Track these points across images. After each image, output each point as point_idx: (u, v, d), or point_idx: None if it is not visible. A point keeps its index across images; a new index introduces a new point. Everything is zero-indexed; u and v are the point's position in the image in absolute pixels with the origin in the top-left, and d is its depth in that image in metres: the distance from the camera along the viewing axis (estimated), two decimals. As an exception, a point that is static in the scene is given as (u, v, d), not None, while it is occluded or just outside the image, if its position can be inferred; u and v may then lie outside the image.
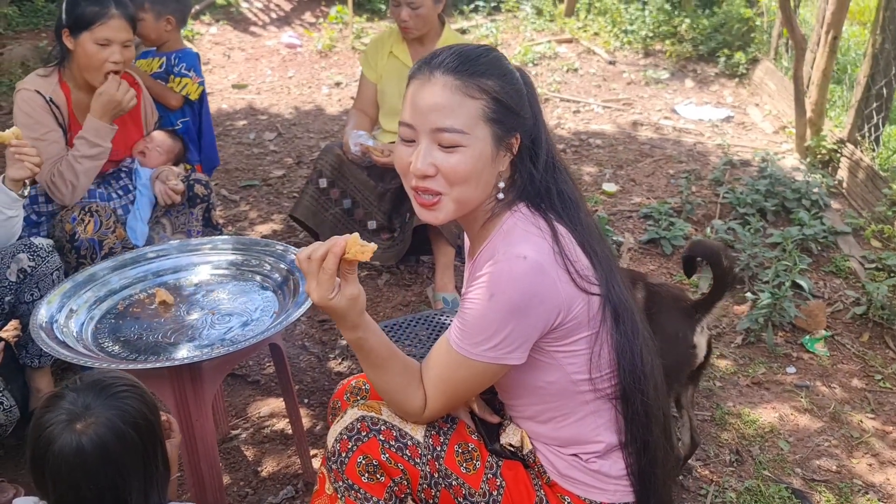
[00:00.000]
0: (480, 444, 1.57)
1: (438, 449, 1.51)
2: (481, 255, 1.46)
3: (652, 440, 1.51)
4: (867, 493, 2.26)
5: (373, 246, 1.35)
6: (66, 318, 1.92)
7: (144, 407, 1.42)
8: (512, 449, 1.57)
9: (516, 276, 1.35)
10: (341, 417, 1.54)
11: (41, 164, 2.26)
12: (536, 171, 1.46)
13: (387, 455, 1.48)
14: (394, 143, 3.20)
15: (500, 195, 1.46)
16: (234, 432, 2.50)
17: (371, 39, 3.29)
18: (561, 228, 1.43)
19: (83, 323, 1.95)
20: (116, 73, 2.58)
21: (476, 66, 1.41)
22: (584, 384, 1.46)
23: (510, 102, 1.42)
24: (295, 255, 1.42)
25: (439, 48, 1.47)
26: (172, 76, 3.23)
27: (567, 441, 1.51)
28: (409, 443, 1.50)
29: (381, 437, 1.49)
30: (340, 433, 1.51)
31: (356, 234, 1.36)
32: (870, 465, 2.38)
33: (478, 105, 1.39)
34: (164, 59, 3.25)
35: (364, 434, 1.49)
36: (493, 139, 1.41)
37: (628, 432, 1.51)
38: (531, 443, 1.55)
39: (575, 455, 1.51)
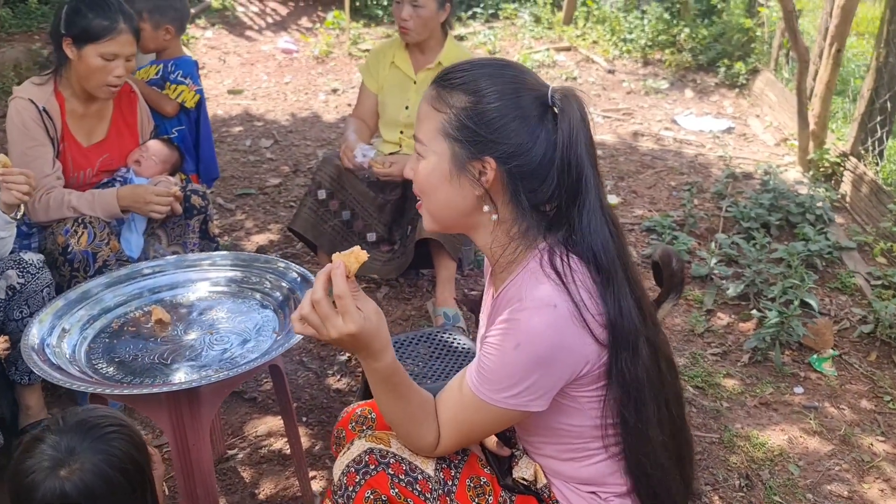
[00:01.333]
0: (493, 478, 1.50)
1: (450, 483, 1.44)
2: (507, 291, 1.37)
3: (663, 491, 1.43)
4: (880, 519, 2.21)
5: (355, 247, 1.31)
6: (59, 339, 1.85)
7: (132, 448, 1.35)
8: (525, 483, 1.51)
9: (544, 325, 1.26)
10: (348, 449, 1.48)
11: (31, 193, 2.17)
12: (527, 206, 1.33)
13: (396, 490, 1.41)
14: (394, 153, 3.14)
15: (483, 221, 1.37)
16: (231, 452, 2.43)
17: (372, 49, 3.24)
18: (583, 272, 1.31)
19: (76, 343, 1.87)
20: (116, 86, 2.53)
21: (458, 78, 1.34)
22: (601, 429, 1.40)
23: (475, 122, 1.30)
24: (291, 318, 1.32)
25: (461, 61, 1.40)
26: (168, 83, 3.17)
27: (586, 480, 1.45)
28: (420, 477, 1.43)
29: (390, 470, 1.42)
30: (347, 466, 1.44)
31: (337, 252, 1.31)
32: (881, 490, 2.33)
33: (440, 118, 1.34)
34: (160, 66, 3.19)
35: (372, 467, 1.42)
36: (451, 157, 1.33)
37: (635, 482, 1.42)
38: (545, 476, 1.49)
39: (594, 493, 1.45)
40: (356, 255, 1.30)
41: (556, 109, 1.33)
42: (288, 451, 2.38)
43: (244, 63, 6.59)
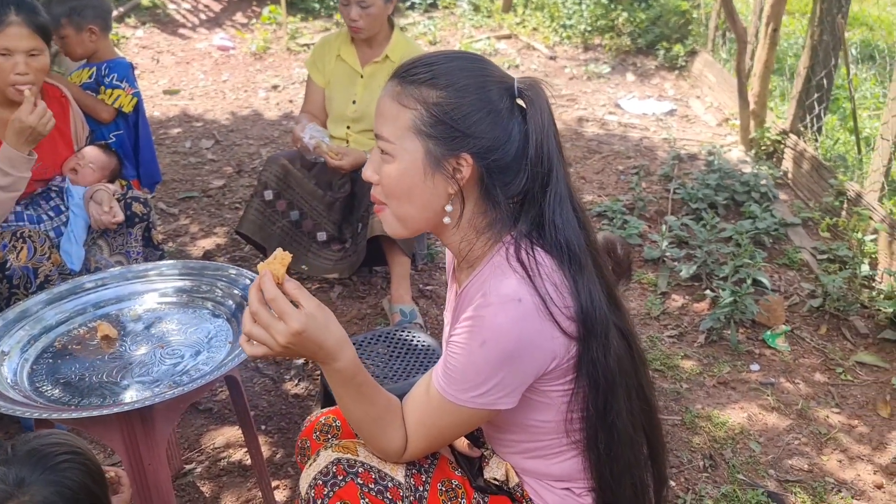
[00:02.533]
0: (464, 480, 1.47)
1: (421, 489, 1.41)
2: (470, 287, 1.34)
3: (618, 486, 1.40)
4: (840, 490, 2.26)
5: (277, 251, 1.27)
6: (-2, 362, 1.75)
7: (88, 478, 1.27)
8: (497, 483, 1.48)
9: (510, 321, 1.23)
10: (314, 460, 1.43)
11: None
12: (501, 199, 1.31)
13: (366, 500, 1.37)
14: (347, 143, 3.07)
15: (447, 219, 1.33)
16: (189, 466, 2.34)
17: (317, 42, 3.15)
18: (549, 264, 1.28)
19: (17, 366, 1.77)
20: (30, 85, 2.38)
21: (424, 73, 1.29)
22: (573, 422, 1.37)
23: (450, 118, 1.27)
24: (240, 343, 1.28)
25: (420, 55, 1.36)
26: (104, 88, 3.04)
27: (559, 476, 1.43)
28: (390, 484, 1.39)
29: (359, 480, 1.38)
30: (314, 478, 1.39)
31: (261, 262, 1.27)
32: (840, 461, 2.38)
33: (409, 115, 1.28)
34: (94, 69, 3.06)
35: (341, 478, 1.38)
36: (425, 155, 1.28)
37: (596, 477, 1.40)
38: (517, 475, 1.47)
39: (567, 489, 1.43)
40: (280, 259, 1.26)
41: (524, 101, 1.32)
42: (248, 462, 2.32)
43: (179, 62, 6.39)
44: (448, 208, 1.32)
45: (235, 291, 1.97)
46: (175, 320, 1.97)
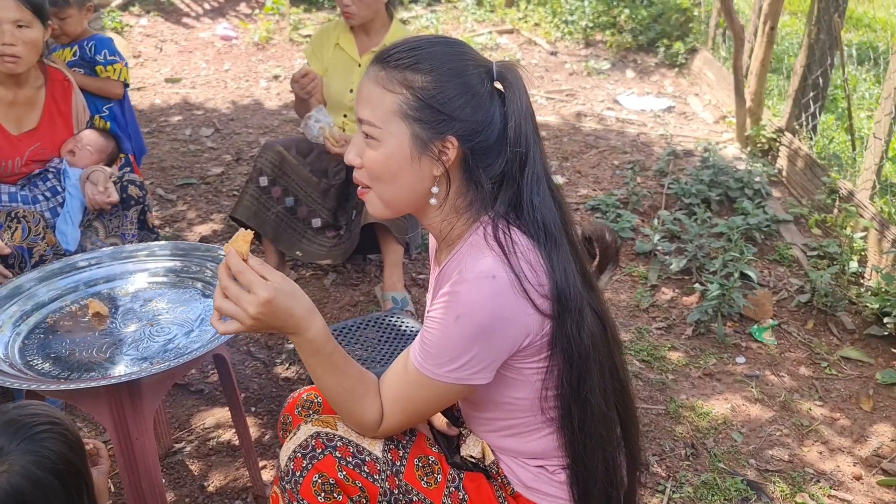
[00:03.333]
0: (441, 457, 1.50)
1: (398, 464, 1.44)
2: (448, 266, 1.37)
3: (592, 465, 1.42)
4: (819, 481, 2.29)
5: (239, 231, 1.32)
6: (-10, 336, 1.79)
7: (66, 448, 1.27)
8: (473, 460, 1.52)
9: (484, 296, 1.26)
10: (294, 434, 1.46)
11: None
12: (485, 181, 1.34)
13: (344, 472, 1.40)
14: (344, 130, 3.09)
15: (433, 200, 1.36)
16: (178, 445, 2.38)
17: (317, 30, 3.18)
18: (525, 244, 1.32)
19: (9, 340, 1.81)
20: (14, 57, 2.41)
21: (408, 58, 1.31)
22: (551, 401, 1.40)
23: (436, 101, 1.30)
24: (210, 322, 1.33)
25: (401, 40, 1.38)
26: (102, 67, 3.11)
27: (534, 454, 1.46)
28: (367, 459, 1.42)
29: (337, 453, 1.41)
30: (294, 451, 1.43)
31: (226, 244, 1.31)
32: (820, 452, 2.41)
33: (395, 100, 1.30)
34: (75, 47, 3.13)
35: (319, 451, 1.41)
36: (411, 138, 1.31)
37: (570, 455, 1.43)
38: (493, 453, 1.50)
39: (541, 467, 1.46)
40: (243, 237, 1.31)
41: (503, 85, 1.36)
42: (237, 442, 2.35)
43: (182, 51, 6.43)
44: (434, 190, 1.36)
45: (225, 272, 2.01)
46: (165, 299, 2.00)
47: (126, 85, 3.23)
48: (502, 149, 1.35)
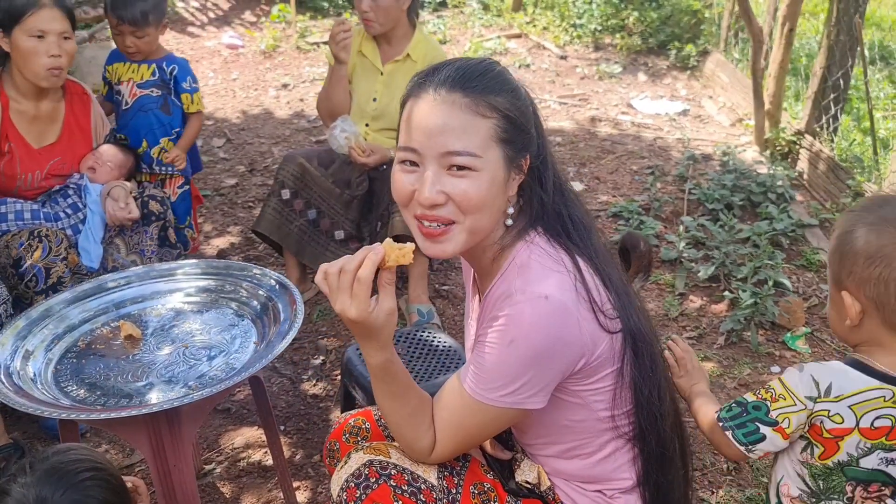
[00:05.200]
0: (497, 483, 1.46)
1: (454, 492, 1.39)
2: (494, 290, 1.32)
3: (665, 482, 1.43)
4: (865, 494, 2.23)
5: (410, 245, 1.25)
6: (23, 362, 1.74)
7: (110, 494, 1.25)
8: (529, 486, 1.47)
9: (538, 318, 1.23)
10: (346, 462, 1.42)
11: None
12: (546, 194, 1.34)
13: (400, 502, 1.36)
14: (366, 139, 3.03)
15: (509, 221, 1.34)
16: (208, 467, 2.33)
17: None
18: (581, 260, 1.31)
19: (41, 366, 1.76)
20: (59, 69, 2.41)
21: (483, 81, 1.28)
22: (608, 421, 1.37)
23: (521, 120, 1.30)
24: (320, 267, 1.26)
25: (439, 64, 1.33)
26: (188, 95, 3.04)
27: (591, 478, 1.42)
28: (423, 486, 1.38)
29: (392, 482, 1.37)
30: (346, 480, 1.38)
31: (389, 239, 1.26)
32: (863, 464, 2.35)
33: (489, 124, 1.26)
34: (153, 66, 2.99)
35: (373, 480, 1.37)
36: (505, 161, 1.28)
37: (644, 471, 1.43)
38: (549, 479, 1.45)
39: (599, 491, 1.42)
40: (402, 252, 1.25)
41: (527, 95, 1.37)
42: (268, 463, 2.30)
43: (188, 60, 6.37)
44: (510, 210, 1.34)
45: (260, 292, 1.96)
46: (199, 320, 1.96)
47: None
48: (546, 159, 1.35)
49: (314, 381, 2.72)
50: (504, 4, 7.42)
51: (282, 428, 2.49)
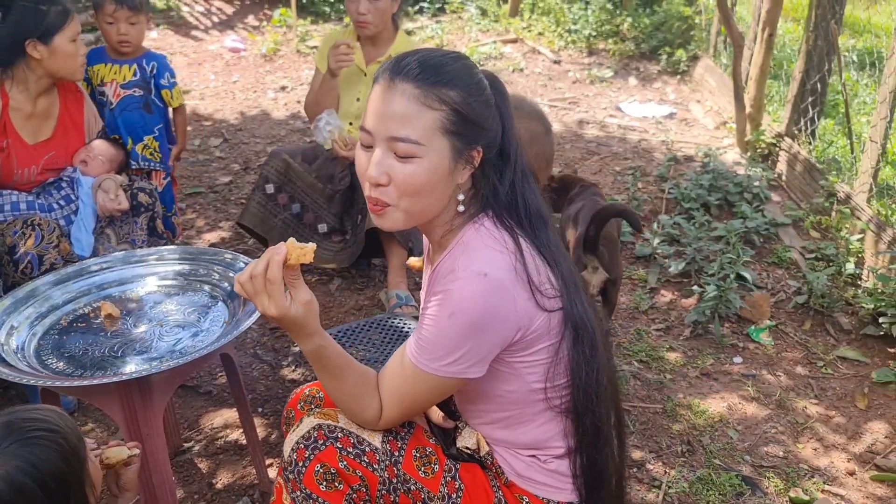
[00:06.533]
0: (438, 448, 1.57)
1: (396, 454, 1.50)
2: (441, 265, 1.44)
3: (600, 458, 1.52)
4: (813, 476, 2.33)
5: (312, 245, 1.35)
6: (7, 336, 1.86)
7: (59, 458, 1.25)
8: (468, 452, 1.58)
9: (475, 294, 1.33)
10: (297, 426, 1.53)
11: None
12: (501, 185, 1.44)
13: (344, 462, 1.46)
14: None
15: (461, 207, 1.44)
16: (187, 445, 2.45)
17: (325, 36, 3.25)
18: (524, 243, 1.41)
19: (25, 340, 1.89)
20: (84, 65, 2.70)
21: (439, 74, 1.37)
22: (541, 393, 1.47)
23: (472, 115, 1.38)
24: (235, 277, 1.39)
25: (406, 52, 1.43)
26: (167, 91, 3.17)
27: (526, 445, 1.53)
28: (367, 449, 1.49)
29: (338, 444, 1.48)
30: (297, 442, 1.49)
31: (292, 239, 1.36)
32: (815, 449, 2.45)
33: (436, 116, 1.35)
34: (134, 65, 3.13)
35: (321, 442, 1.47)
36: (451, 151, 1.38)
37: (577, 445, 1.52)
38: (487, 444, 1.56)
39: (533, 456, 1.53)
40: (304, 251, 1.34)
41: (494, 92, 1.45)
42: (244, 442, 2.42)
43: (191, 63, 6.54)
44: (460, 197, 1.44)
45: (231, 275, 2.08)
46: (174, 302, 2.08)
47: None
48: (507, 152, 1.45)
49: (293, 367, 2.83)
50: (501, 10, 7.55)
51: (259, 410, 2.61)
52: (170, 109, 3.29)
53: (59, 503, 1.27)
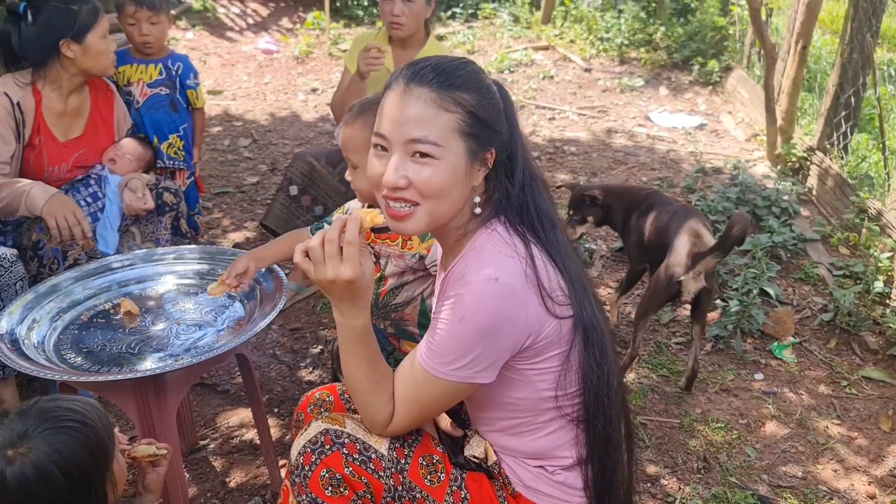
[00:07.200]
0: (445, 456, 1.56)
1: (402, 462, 1.50)
2: (454, 270, 1.44)
3: (610, 462, 1.52)
4: (832, 498, 2.29)
5: (377, 209, 1.37)
6: (28, 330, 1.90)
7: (85, 452, 1.30)
8: (476, 461, 1.57)
9: (487, 298, 1.33)
10: (305, 430, 1.53)
11: None
12: (512, 187, 1.44)
13: (350, 468, 1.47)
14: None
15: (477, 210, 1.45)
16: (203, 443, 2.48)
17: (357, 37, 3.26)
18: (536, 249, 1.41)
19: (45, 334, 1.92)
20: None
21: (453, 78, 1.39)
22: (552, 401, 1.47)
23: (486, 117, 1.40)
24: (297, 248, 1.38)
25: (416, 60, 1.45)
26: (192, 91, 3.22)
27: (534, 454, 1.52)
28: (373, 456, 1.49)
29: (344, 450, 1.48)
30: (304, 446, 1.50)
31: (359, 205, 1.38)
32: (835, 471, 2.40)
33: (453, 118, 1.37)
34: (160, 65, 3.18)
35: (328, 447, 1.48)
36: (467, 153, 1.39)
37: (588, 452, 1.51)
38: (495, 454, 1.56)
39: (541, 467, 1.52)
40: (373, 216, 1.37)
41: (502, 97, 1.46)
42: (258, 442, 2.43)
43: (225, 64, 6.63)
44: (476, 199, 1.45)
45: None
46: (192, 301, 2.10)
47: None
48: (515, 154, 1.46)
49: (311, 369, 2.85)
50: (534, 17, 7.54)
51: (275, 410, 2.63)
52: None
53: (80, 495, 1.32)
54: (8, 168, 2.55)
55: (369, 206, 1.49)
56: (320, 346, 2.97)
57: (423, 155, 1.36)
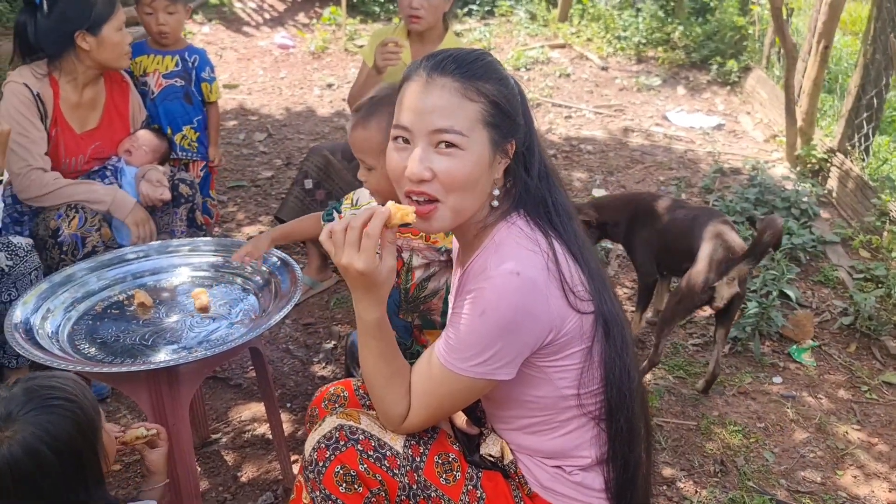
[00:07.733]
0: (461, 455, 1.54)
1: (418, 460, 1.48)
2: (473, 265, 1.41)
3: (633, 458, 1.49)
4: (851, 505, 2.25)
5: (412, 207, 1.34)
6: (42, 320, 1.89)
7: (73, 428, 1.28)
8: (492, 459, 1.55)
9: (508, 293, 1.31)
10: (319, 425, 1.51)
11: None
12: (531, 179, 1.42)
13: (365, 465, 1.44)
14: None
15: (495, 202, 1.42)
16: (215, 436, 2.46)
17: (375, 31, 3.24)
18: (557, 243, 1.39)
19: (59, 324, 1.91)
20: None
21: (475, 69, 1.37)
22: (572, 399, 1.44)
23: (507, 107, 1.38)
24: (325, 226, 1.36)
25: (435, 52, 1.42)
26: (207, 84, 3.22)
27: (552, 453, 1.49)
28: (388, 453, 1.47)
29: (359, 446, 1.46)
30: (318, 441, 1.48)
31: (392, 201, 1.35)
32: (855, 476, 2.36)
33: (477, 108, 1.35)
34: (177, 57, 3.18)
35: (342, 443, 1.46)
36: (490, 143, 1.37)
37: (610, 449, 1.48)
38: (512, 453, 1.53)
39: (558, 467, 1.49)
40: (405, 213, 1.33)
41: (517, 86, 1.45)
42: (270, 436, 2.42)
43: (241, 58, 6.62)
44: (496, 192, 1.42)
45: (264, 268, 2.08)
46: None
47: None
48: (532, 146, 1.44)
49: (324, 364, 2.83)
50: (551, 15, 7.50)
51: (288, 405, 2.61)
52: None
53: (72, 470, 1.30)
54: (48, 161, 2.58)
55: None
56: (333, 342, 2.95)
57: (449, 145, 1.34)
